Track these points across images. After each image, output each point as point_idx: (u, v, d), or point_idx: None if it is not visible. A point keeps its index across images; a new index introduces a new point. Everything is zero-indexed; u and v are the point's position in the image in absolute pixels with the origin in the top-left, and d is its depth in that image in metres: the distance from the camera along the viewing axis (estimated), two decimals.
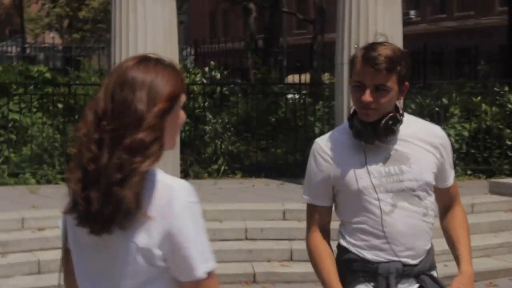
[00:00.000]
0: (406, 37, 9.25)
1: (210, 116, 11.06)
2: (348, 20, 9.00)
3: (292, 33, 36.59)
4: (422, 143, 2.73)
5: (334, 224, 2.82)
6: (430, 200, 2.76)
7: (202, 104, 11.40)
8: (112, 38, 9.05)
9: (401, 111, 2.72)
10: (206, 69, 12.62)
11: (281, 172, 10.46)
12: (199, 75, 12.27)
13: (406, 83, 2.67)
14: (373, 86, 2.60)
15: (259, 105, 11.76)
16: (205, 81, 12.14)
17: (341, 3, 9.12)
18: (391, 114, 2.65)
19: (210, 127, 10.90)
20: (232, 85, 13.45)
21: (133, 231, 1.86)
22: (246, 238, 7.58)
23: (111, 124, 1.89)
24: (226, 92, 12.75)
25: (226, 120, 11.07)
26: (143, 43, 8.79)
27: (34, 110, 11.01)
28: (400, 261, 2.69)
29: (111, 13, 9.09)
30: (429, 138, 2.74)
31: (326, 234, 2.83)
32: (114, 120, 1.90)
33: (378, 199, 2.67)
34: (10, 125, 10.60)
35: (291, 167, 10.59)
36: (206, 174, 10.47)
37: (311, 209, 2.85)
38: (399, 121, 2.67)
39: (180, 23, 29.21)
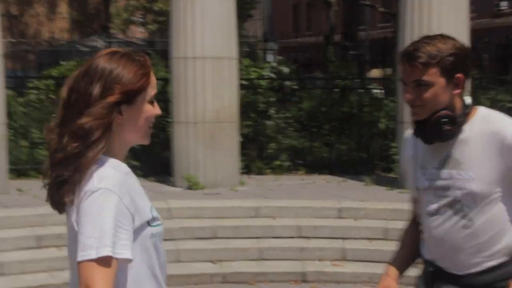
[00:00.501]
0: (496, 30, 8.89)
1: (273, 111, 10.92)
2: (410, 15, 8.74)
3: (376, 27, 35.99)
4: (483, 147, 2.50)
5: None
6: (486, 212, 2.52)
7: (268, 100, 11.29)
8: (170, 32, 9.09)
9: (464, 108, 2.54)
10: (274, 63, 12.53)
11: (344, 168, 10.26)
12: (266, 69, 12.18)
13: (458, 75, 2.49)
14: (413, 83, 2.49)
15: (327, 99, 11.54)
16: (272, 75, 12.04)
17: None
18: (441, 112, 2.49)
19: (273, 122, 10.77)
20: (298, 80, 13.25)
21: (73, 208, 1.98)
22: (299, 236, 7.44)
23: (68, 111, 2.00)
24: (295, 87, 12.64)
25: (289, 115, 10.90)
26: (200, 37, 8.80)
27: None
28: (444, 270, 2.63)
29: (170, 6, 9.12)
30: (490, 140, 2.49)
31: (417, 223, 2.79)
32: (69, 108, 2.01)
33: (428, 203, 2.60)
34: None
35: (355, 163, 10.37)
36: (269, 170, 10.38)
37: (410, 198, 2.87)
38: (454, 120, 2.49)
39: (248, 16, 29.24)
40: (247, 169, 10.30)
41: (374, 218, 7.43)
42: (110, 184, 1.95)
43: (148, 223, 2.07)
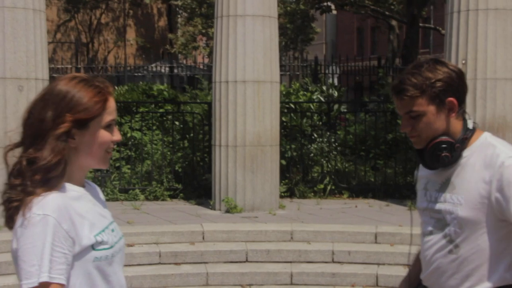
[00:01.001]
0: None
1: (316, 135, 10.87)
2: (456, 36, 8.58)
3: (441, 50, 35.46)
4: (475, 173, 2.46)
5: None
6: (470, 238, 2.44)
7: (315, 122, 11.25)
8: (214, 56, 9.19)
9: (464, 133, 2.49)
10: (324, 87, 12.50)
11: (389, 193, 10.10)
12: (316, 93, 12.16)
13: (449, 99, 2.45)
14: (406, 115, 2.50)
15: (376, 123, 11.40)
16: (322, 99, 12.00)
17: (449, 17, 8.70)
18: (439, 139, 2.46)
19: (316, 146, 10.70)
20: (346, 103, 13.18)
21: (14, 231, 2.03)
22: (333, 261, 7.34)
23: (25, 134, 2.07)
24: (344, 110, 12.58)
25: (333, 139, 10.82)
26: (241, 61, 8.86)
27: (154, 128, 11.37)
28: None
29: (214, 33, 9.24)
30: (482, 168, 2.44)
31: None
32: (27, 130, 2.07)
33: (425, 224, 2.61)
34: (130, 142, 11.01)
35: (400, 188, 10.20)
36: (312, 194, 10.30)
37: None
38: (452, 146, 2.46)
39: (310, 40, 29.27)
40: (290, 193, 10.26)
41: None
42: (50, 210, 1.97)
43: (92, 247, 2.07)
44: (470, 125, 2.52)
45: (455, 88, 2.46)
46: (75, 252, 2.01)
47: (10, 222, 2.06)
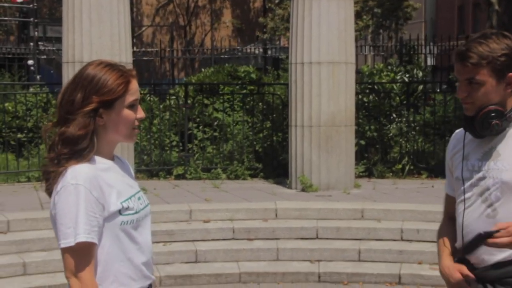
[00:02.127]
0: None
1: (394, 115, 10.87)
2: None
3: None
4: None
5: None
6: (506, 204, 2.56)
7: (397, 103, 11.24)
8: (291, 38, 9.37)
9: None
10: (409, 67, 12.44)
11: None
12: (400, 74, 12.12)
13: (510, 74, 2.55)
14: (465, 81, 2.59)
15: (458, 104, 11.27)
16: (406, 79, 11.96)
17: None
18: (490, 107, 2.57)
19: (395, 126, 10.71)
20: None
21: (51, 199, 2.35)
22: (402, 239, 7.44)
23: (60, 114, 2.37)
24: (430, 90, 12.48)
25: (411, 119, 10.80)
26: (316, 42, 9.01)
27: (237, 109, 11.67)
28: (467, 260, 2.66)
29: (290, 15, 9.42)
30: None
31: (452, 221, 2.82)
32: (61, 110, 2.37)
33: (464, 192, 2.67)
34: (215, 123, 11.37)
35: None
36: (391, 174, 10.35)
37: (445, 197, 2.94)
38: (502, 114, 2.57)
39: (407, 19, 28.74)
40: (368, 172, 10.35)
41: None
42: (81, 180, 2.27)
43: (119, 212, 2.36)
44: None
45: None
46: (105, 216, 2.31)
47: (49, 190, 2.38)
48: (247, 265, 7.15)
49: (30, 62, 18.35)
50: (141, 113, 2.44)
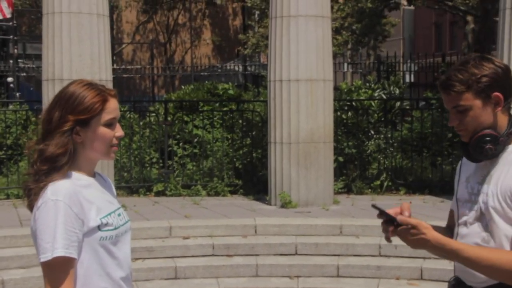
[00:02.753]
0: None
1: (372, 132, 11.01)
2: (508, 31, 8.60)
3: None
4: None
5: None
6: (497, 229, 2.58)
7: (375, 120, 11.37)
8: (269, 57, 9.48)
9: (510, 127, 2.62)
10: (386, 84, 12.59)
11: (446, 189, 10.13)
12: (378, 91, 12.26)
13: (495, 93, 2.58)
14: (453, 109, 2.63)
15: (439, 120, 11.40)
16: (383, 96, 12.11)
17: (501, 13, 8.73)
18: (483, 132, 2.60)
19: (373, 142, 10.84)
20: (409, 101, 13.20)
21: (32, 214, 2.41)
22: (380, 255, 7.52)
23: (43, 131, 2.46)
24: (407, 107, 12.63)
25: (389, 136, 10.94)
26: (294, 60, 9.13)
27: (217, 126, 11.75)
28: (458, 277, 2.72)
29: (269, 33, 9.53)
30: None
31: (449, 229, 2.88)
32: (44, 127, 2.46)
33: (458, 213, 2.72)
34: (195, 140, 11.42)
35: None
36: (369, 190, 10.47)
37: (449, 212, 2.98)
38: (496, 139, 2.59)
39: (385, 37, 29.11)
40: (347, 189, 10.45)
41: None
42: (61, 195, 2.34)
43: (98, 228, 2.42)
44: None
45: (501, 83, 2.57)
46: (84, 231, 2.36)
47: (30, 206, 2.43)
48: (226, 281, 7.19)
49: (10, 79, 18.33)
50: (119, 131, 2.50)
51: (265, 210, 8.99)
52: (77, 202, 2.36)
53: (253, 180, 10.69)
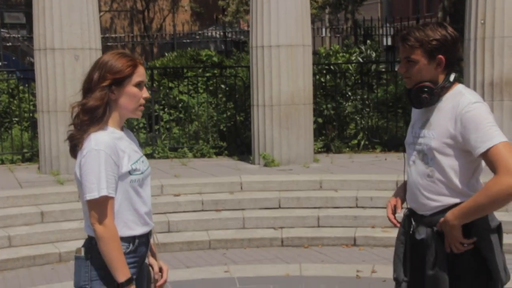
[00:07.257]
0: None
1: (350, 94, 11.58)
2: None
3: None
4: (446, 114, 3.16)
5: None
6: (441, 165, 3.14)
7: (352, 82, 11.92)
8: (251, 24, 9.97)
9: (445, 83, 3.16)
10: (363, 47, 13.11)
11: None
12: (355, 54, 12.78)
13: (439, 56, 3.13)
14: (404, 59, 3.19)
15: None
16: (360, 59, 12.64)
17: None
18: (421, 84, 3.16)
19: (350, 104, 11.42)
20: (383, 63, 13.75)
21: (76, 161, 2.94)
22: (357, 206, 8.15)
23: (83, 90, 2.98)
24: (383, 69, 13.18)
25: (366, 97, 11.52)
26: (275, 27, 9.62)
27: (201, 91, 12.23)
28: (411, 208, 3.29)
29: (250, 1, 10.00)
30: (451, 110, 3.15)
31: None
32: (84, 88, 2.98)
33: (408, 154, 3.30)
34: (180, 105, 11.90)
35: None
36: (348, 149, 11.07)
37: None
38: (431, 90, 3.13)
39: (363, 0, 29.53)
40: (326, 148, 11.05)
41: None
42: (103, 146, 2.86)
43: (129, 172, 2.97)
44: (451, 78, 3.19)
45: (447, 48, 3.14)
46: (119, 174, 2.91)
47: (73, 153, 2.97)
48: (216, 233, 7.78)
49: None
50: (146, 93, 3.04)
51: (250, 169, 9.57)
52: (115, 151, 2.89)
53: (237, 142, 11.24)
